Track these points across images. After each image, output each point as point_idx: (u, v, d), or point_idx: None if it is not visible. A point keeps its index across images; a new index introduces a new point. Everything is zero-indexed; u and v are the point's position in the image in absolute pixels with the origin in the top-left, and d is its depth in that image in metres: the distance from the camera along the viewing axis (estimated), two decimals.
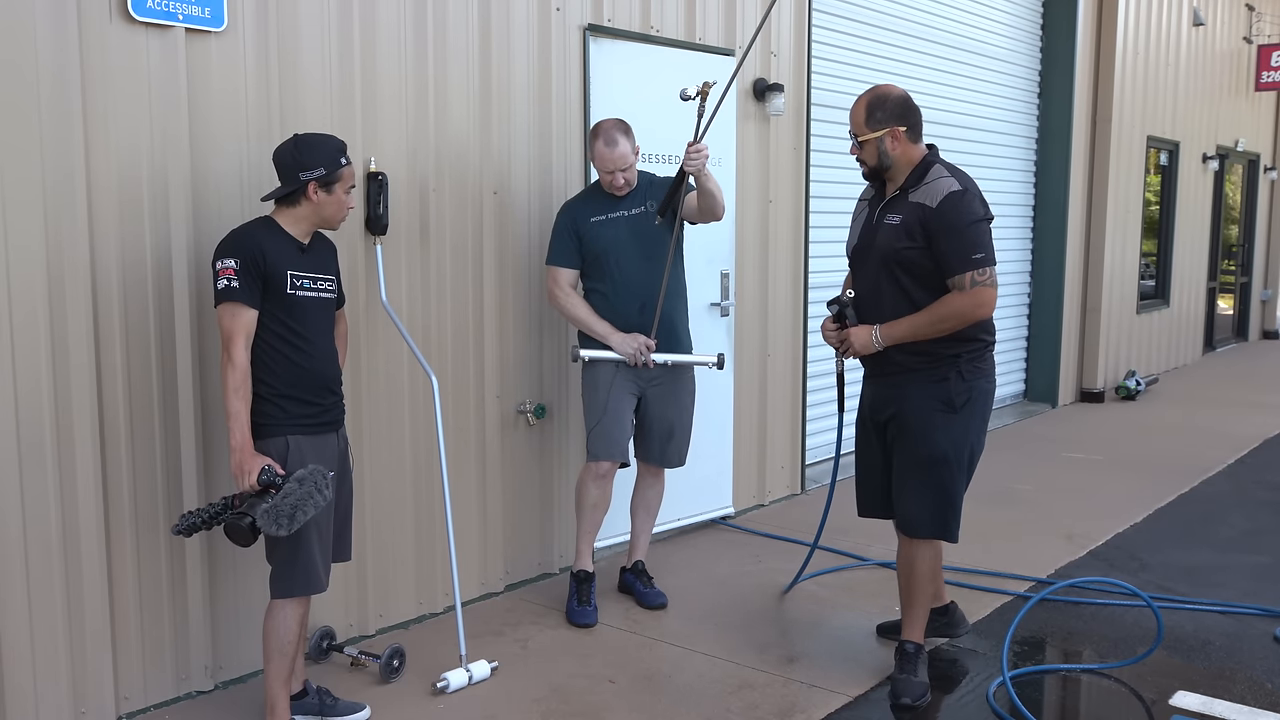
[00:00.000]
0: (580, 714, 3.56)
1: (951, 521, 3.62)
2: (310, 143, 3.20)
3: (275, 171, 3.22)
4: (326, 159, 3.19)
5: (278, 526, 3.00)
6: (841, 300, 3.69)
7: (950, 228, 3.43)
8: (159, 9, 3.34)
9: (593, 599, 4.38)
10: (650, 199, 4.31)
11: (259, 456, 3.07)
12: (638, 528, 4.63)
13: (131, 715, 3.51)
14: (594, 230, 4.26)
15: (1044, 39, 8.99)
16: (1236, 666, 3.92)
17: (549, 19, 4.61)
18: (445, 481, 3.91)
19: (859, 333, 3.61)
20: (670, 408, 4.39)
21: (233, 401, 3.06)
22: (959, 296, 3.44)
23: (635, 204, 4.28)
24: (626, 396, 4.31)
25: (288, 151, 3.19)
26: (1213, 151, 11.92)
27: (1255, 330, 14.44)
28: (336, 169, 3.20)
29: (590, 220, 4.27)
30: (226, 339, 3.08)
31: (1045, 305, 9.13)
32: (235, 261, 3.07)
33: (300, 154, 3.17)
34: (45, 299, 3.20)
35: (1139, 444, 7.68)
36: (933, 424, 3.54)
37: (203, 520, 3.07)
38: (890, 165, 3.61)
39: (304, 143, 3.20)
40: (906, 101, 3.63)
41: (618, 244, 4.24)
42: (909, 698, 3.61)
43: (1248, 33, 12.63)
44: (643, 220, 4.24)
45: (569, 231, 4.28)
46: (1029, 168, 9.04)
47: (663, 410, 4.37)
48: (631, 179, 4.26)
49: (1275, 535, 5.52)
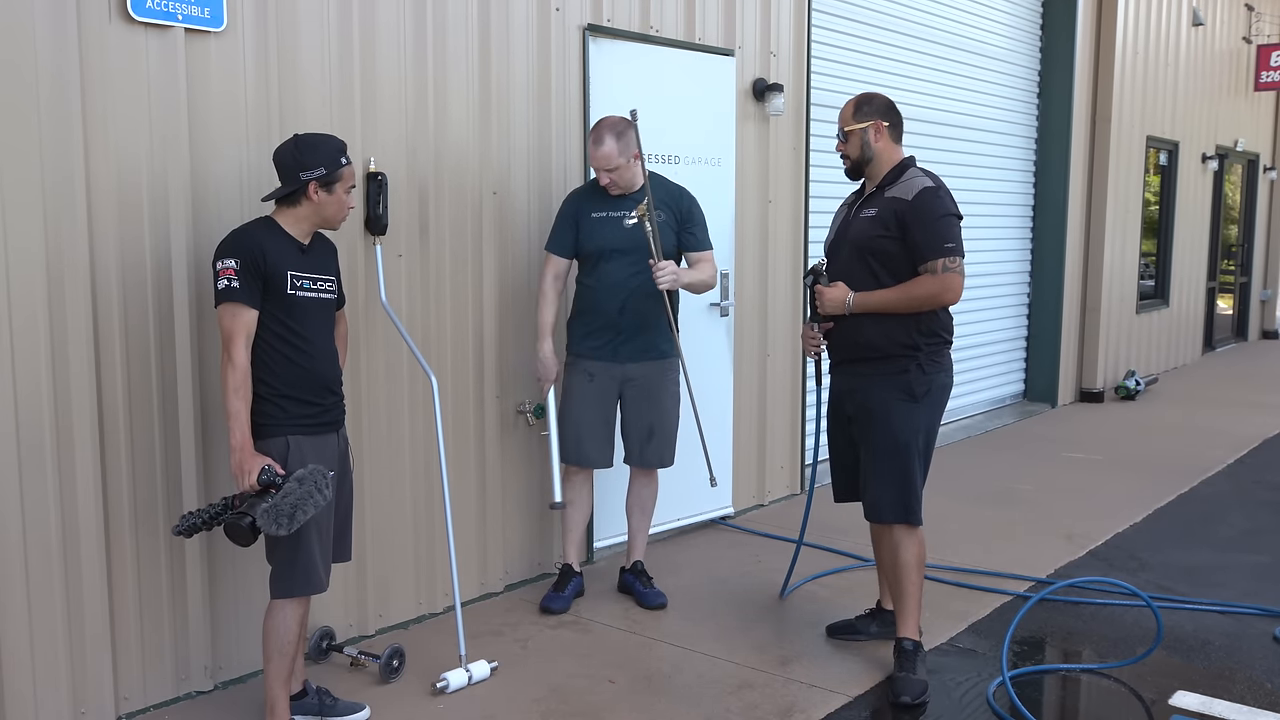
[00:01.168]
0: (580, 714, 3.56)
1: (914, 504, 3.77)
2: (311, 143, 3.20)
3: (275, 172, 3.22)
4: (327, 159, 3.19)
5: (277, 526, 3.00)
6: (815, 269, 3.89)
7: (925, 218, 3.64)
8: (158, 9, 3.34)
9: (569, 590, 4.48)
10: (661, 206, 4.29)
11: (259, 456, 3.07)
12: (633, 528, 4.65)
13: (131, 715, 3.51)
14: (592, 225, 4.29)
15: (1043, 39, 9.00)
16: (1236, 666, 3.92)
17: (548, 19, 4.61)
18: (445, 481, 3.91)
19: (834, 291, 3.79)
20: (647, 409, 4.42)
21: (233, 401, 3.05)
22: (931, 279, 3.63)
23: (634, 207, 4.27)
24: (598, 402, 4.39)
25: (288, 151, 3.19)
26: (1212, 151, 11.92)
27: (1255, 330, 14.44)
28: (337, 169, 3.20)
29: (591, 215, 4.30)
30: (226, 339, 3.08)
31: (1045, 305, 9.14)
32: (235, 261, 3.07)
33: (301, 154, 3.17)
34: (45, 300, 3.19)
35: (1139, 444, 7.68)
36: (895, 413, 3.73)
37: (203, 520, 3.07)
38: (872, 158, 3.81)
39: (304, 143, 3.20)
40: (891, 104, 3.86)
41: (610, 243, 4.26)
42: (908, 696, 3.61)
43: (1247, 33, 12.63)
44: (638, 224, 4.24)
45: (570, 220, 4.35)
46: (1028, 167, 9.04)
47: (639, 411, 4.41)
48: (621, 180, 4.24)
49: (1275, 535, 5.52)
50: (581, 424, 4.40)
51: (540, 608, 4.44)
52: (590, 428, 4.40)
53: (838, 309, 3.78)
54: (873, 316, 3.72)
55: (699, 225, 4.41)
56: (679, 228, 4.36)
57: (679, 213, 4.36)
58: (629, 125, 4.18)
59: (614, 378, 4.37)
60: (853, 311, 3.75)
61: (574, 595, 4.52)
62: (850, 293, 3.75)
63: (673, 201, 4.36)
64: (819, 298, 3.83)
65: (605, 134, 4.17)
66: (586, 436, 4.41)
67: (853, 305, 3.74)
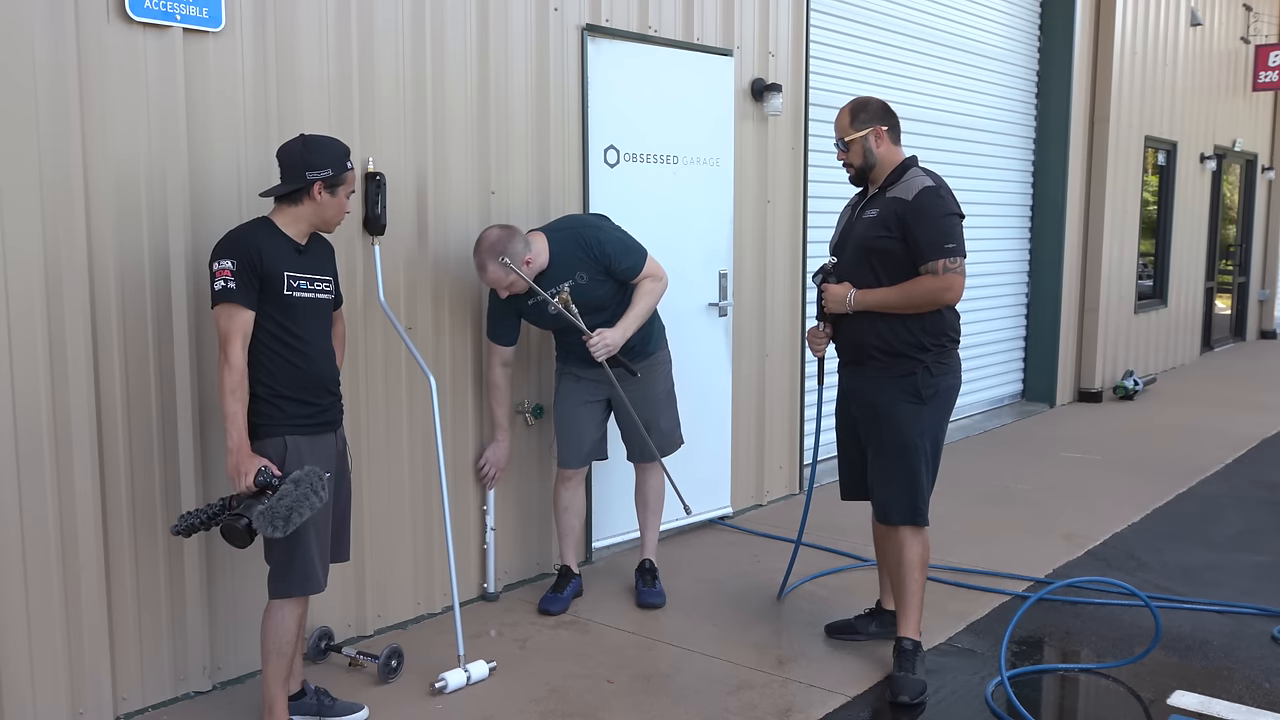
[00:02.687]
0: (578, 714, 3.56)
1: (921, 506, 3.78)
2: (319, 143, 3.19)
3: (279, 169, 3.21)
4: (334, 160, 3.18)
5: (273, 528, 3.00)
6: (825, 268, 3.91)
7: (925, 218, 3.64)
8: (157, 9, 3.34)
9: (568, 591, 4.49)
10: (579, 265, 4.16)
11: (255, 458, 3.07)
12: (640, 524, 4.69)
13: (129, 716, 3.51)
14: (530, 311, 4.26)
15: (1042, 39, 9.00)
16: (1234, 666, 3.92)
17: (547, 19, 4.61)
18: (444, 482, 3.91)
19: (836, 289, 3.81)
20: (640, 405, 4.40)
21: (229, 403, 3.05)
22: (932, 279, 3.64)
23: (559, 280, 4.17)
24: (587, 405, 4.41)
25: (296, 150, 3.18)
26: (1210, 151, 11.93)
27: (1253, 330, 14.45)
28: (343, 171, 3.20)
29: (527, 303, 4.23)
30: (223, 340, 3.07)
31: (1043, 305, 9.14)
32: (232, 262, 3.06)
33: (309, 153, 3.16)
34: (43, 300, 3.19)
35: (1137, 444, 7.68)
36: (903, 415, 3.73)
37: (201, 521, 3.07)
38: (875, 163, 3.82)
39: (313, 143, 3.19)
40: (886, 107, 3.87)
41: (556, 323, 4.24)
42: (907, 695, 3.61)
43: (1245, 33, 12.64)
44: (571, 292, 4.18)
45: (509, 313, 4.27)
46: (1027, 168, 9.04)
47: (629, 410, 4.39)
48: (518, 289, 4.11)
49: (1273, 535, 5.53)
50: (573, 424, 4.42)
51: (538, 609, 4.44)
52: (579, 430, 4.42)
53: (839, 307, 3.79)
54: (880, 316, 3.72)
55: (621, 256, 4.20)
56: (606, 272, 4.20)
57: (597, 260, 4.17)
58: (508, 238, 4.02)
59: (602, 380, 4.36)
60: (854, 309, 3.76)
61: (572, 596, 4.52)
62: (852, 290, 3.76)
63: (587, 257, 4.17)
64: (823, 294, 3.85)
65: (486, 260, 4.01)
66: (577, 438, 4.43)
67: (854, 303, 3.75)
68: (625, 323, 4.20)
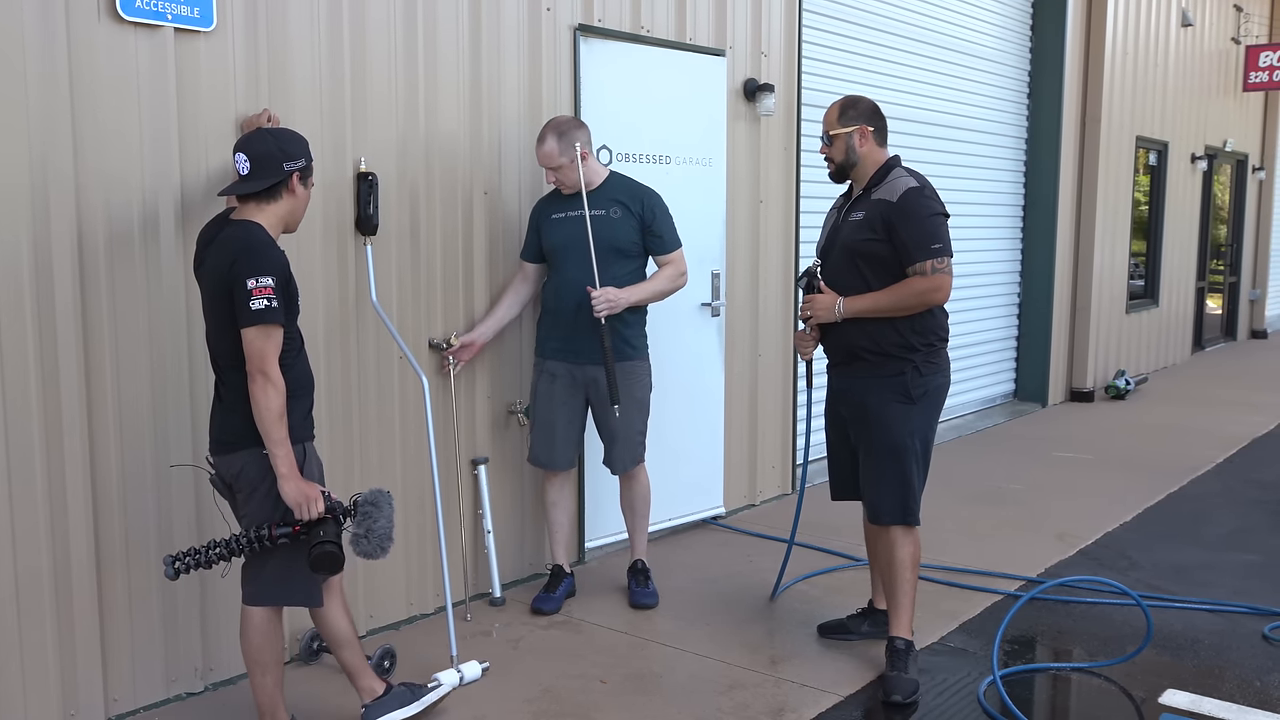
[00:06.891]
0: (571, 714, 3.56)
1: (912, 505, 3.78)
2: (288, 134, 3.11)
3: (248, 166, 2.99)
4: (305, 150, 3.10)
5: (382, 551, 3.05)
6: (810, 270, 3.88)
7: (911, 220, 3.64)
8: (148, 9, 3.33)
9: (560, 590, 4.49)
10: (618, 203, 4.27)
11: (312, 484, 3.00)
12: (628, 528, 4.67)
13: (121, 717, 3.50)
14: (550, 226, 4.34)
15: (1033, 39, 9.02)
16: (1225, 664, 3.94)
17: (539, 19, 4.60)
18: (436, 482, 3.91)
19: (824, 299, 3.80)
20: (608, 414, 4.35)
21: (279, 428, 2.90)
22: (919, 280, 3.63)
23: (595, 205, 4.23)
24: (563, 404, 4.40)
25: (267, 142, 3.03)
26: (1201, 152, 11.96)
27: (1244, 330, 14.51)
28: (311, 161, 3.13)
29: (551, 216, 4.34)
30: (261, 360, 2.89)
31: (1035, 305, 9.16)
32: (273, 279, 2.88)
33: (282, 144, 3.04)
34: (33, 302, 3.18)
35: (1128, 443, 7.70)
36: (893, 415, 3.73)
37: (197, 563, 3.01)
38: (857, 162, 3.82)
39: (282, 134, 3.10)
40: (876, 108, 3.87)
41: (565, 243, 4.28)
42: (900, 695, 3.62)
43: (1236, 33, 12.68)
44: (596, 222, 4.22)
45: (533, 225, 4.43)
46: (1018, 168, 9.06)
47: (601, 417, 4.40)
48: (566, 179, 4.22)
49: (1264, 534, 5.55)
50: (546, 427, 4.42)
51: (531, 608, 4.44)
52: (553, 430, 4.40)
53: (829, 316, 3.78)
54: (868, 318, 3.72)
55: (664, 225, 4.35)
56: (642, 228, 4.31)
57: (641, 212, 4.30)
58: (576, 125, 4.21)
59: (577, 380, 4.36)
60: (844, 317, 3.76)
61: (565, 596, 4.52)
62: (839, 299, 3.75)
63: (633, 200, 4.30)
64: (810, 305, 3.83)
65: (548, 133, 4.19)
66: (551, 438, 4.41)
67: (843, 311, 3.75)
68: (634, 289, 4.25)
